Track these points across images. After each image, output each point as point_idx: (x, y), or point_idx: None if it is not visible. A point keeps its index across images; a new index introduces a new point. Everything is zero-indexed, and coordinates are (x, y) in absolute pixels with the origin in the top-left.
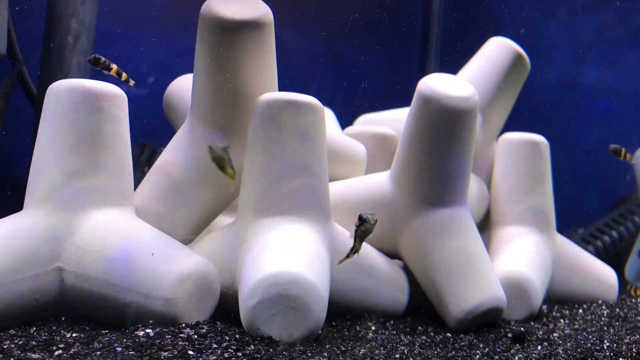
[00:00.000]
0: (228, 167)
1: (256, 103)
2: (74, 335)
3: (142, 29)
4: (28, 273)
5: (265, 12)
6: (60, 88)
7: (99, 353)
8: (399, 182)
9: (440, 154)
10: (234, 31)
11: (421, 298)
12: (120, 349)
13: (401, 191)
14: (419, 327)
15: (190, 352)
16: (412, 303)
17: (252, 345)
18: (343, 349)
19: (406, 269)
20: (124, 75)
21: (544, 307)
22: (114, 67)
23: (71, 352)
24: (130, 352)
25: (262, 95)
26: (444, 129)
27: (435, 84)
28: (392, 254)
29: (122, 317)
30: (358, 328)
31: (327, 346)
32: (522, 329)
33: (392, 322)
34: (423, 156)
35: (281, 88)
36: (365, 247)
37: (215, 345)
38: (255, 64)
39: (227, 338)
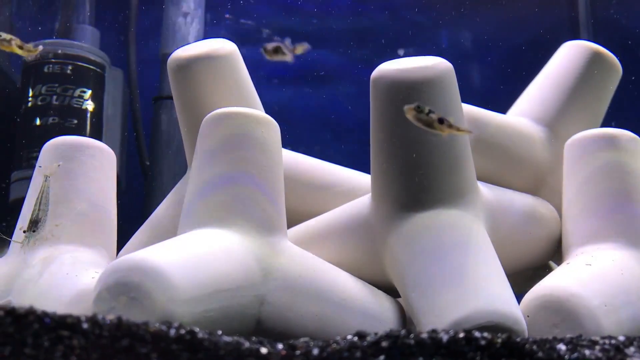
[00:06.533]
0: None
1: None
2: None
3: None
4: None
5: (219, 46)
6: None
7: None
8: (373, 191)
9: (402, 143)
10: (186, 67)
11: None
12: None
13: (375, 201)
14: None
15: None
16: None
17: None
18: None
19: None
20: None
21: (621, 338)
22: None
23: None
24: None
25: None
26: (398, 109)
27: (387, 63)
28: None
29: None
30: None
31: None
32: None
33: None
34: (386, 151)
35: None
36: (328, 270)
37: None
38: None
39: None
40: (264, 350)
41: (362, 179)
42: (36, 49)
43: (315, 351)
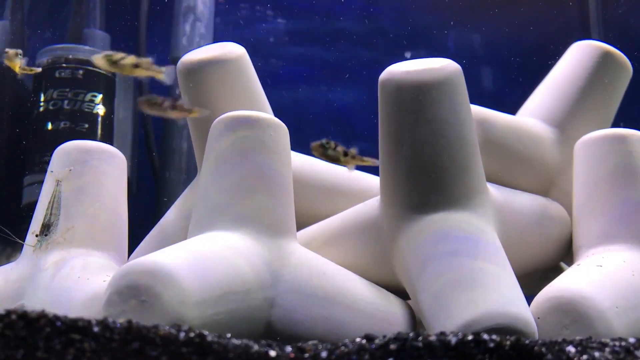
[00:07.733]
0: None
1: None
2: None
3: None
4: None
5: (228, 50)
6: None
7: None
8: (381, 193)
9: (410, 144)
10: (195, 71)
11: None
12: None
13: (384, 204)
14: None
15: None
16: None
17: None
18: None
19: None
20: None
21: (631, 340)
22: None
23: None
24: None
25: None
26: (406, 111)
27: (395, 65)
28: (398, 287)
29: None
30: None
31: None
32: None
33: None
34: (394, 153)
35: None
36: (338, 272)
37: None
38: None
39: None
40: (272, 353)
41: (371, 181)
42: (33, 69)
43: (324, 354)
